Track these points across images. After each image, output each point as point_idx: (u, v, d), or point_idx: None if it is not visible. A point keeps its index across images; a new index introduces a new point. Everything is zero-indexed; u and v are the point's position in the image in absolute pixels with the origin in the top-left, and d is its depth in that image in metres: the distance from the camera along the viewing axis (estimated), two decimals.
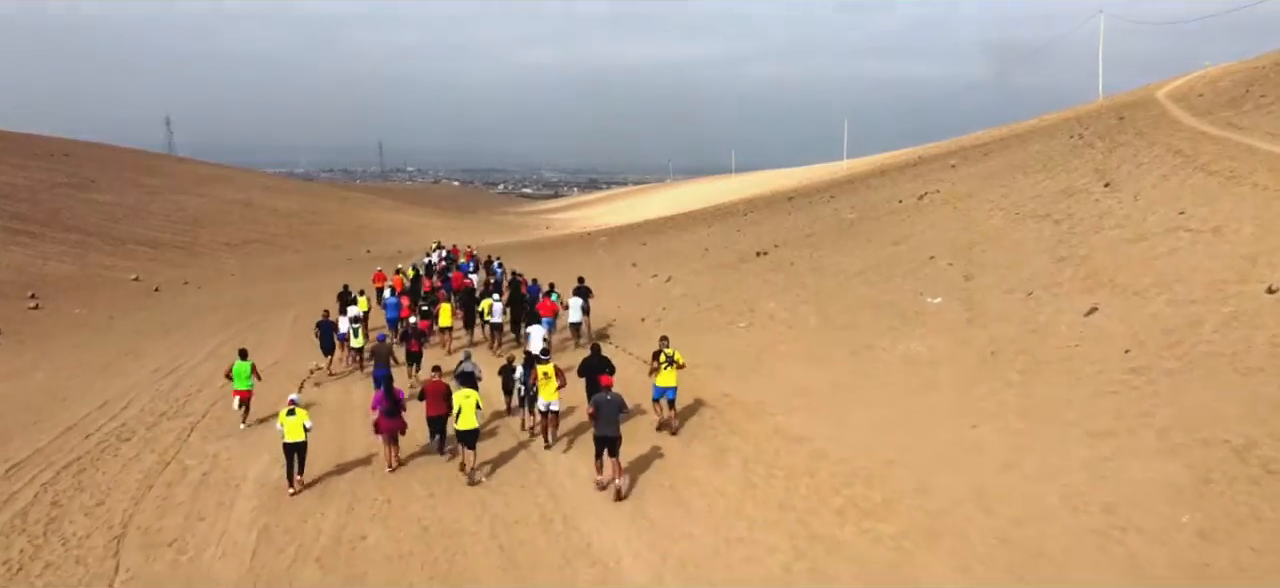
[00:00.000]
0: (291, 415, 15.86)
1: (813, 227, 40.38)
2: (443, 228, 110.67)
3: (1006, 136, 65.19)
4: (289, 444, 15.79)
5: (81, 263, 58.81)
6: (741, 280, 30.73)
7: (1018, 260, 23.48)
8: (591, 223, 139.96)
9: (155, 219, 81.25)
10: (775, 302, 25.68)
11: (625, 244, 58.02)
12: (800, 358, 19.66)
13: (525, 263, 49.86)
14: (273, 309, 37.64)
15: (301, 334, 29.63)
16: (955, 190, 38.58)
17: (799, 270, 30.22)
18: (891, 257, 28.29)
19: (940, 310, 20.94)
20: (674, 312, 27.52)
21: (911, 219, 34.54)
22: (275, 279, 56.07)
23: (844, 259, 30.17)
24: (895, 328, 20.34)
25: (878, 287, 24.71)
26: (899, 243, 30.40)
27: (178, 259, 67.02)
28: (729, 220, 56.49)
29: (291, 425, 15.78)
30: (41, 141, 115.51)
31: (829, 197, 52.60)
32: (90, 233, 68.90)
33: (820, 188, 68.51)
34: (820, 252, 33.05)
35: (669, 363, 17.02)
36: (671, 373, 17.07)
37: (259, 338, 30.14)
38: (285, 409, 16.04)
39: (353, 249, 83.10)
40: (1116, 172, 30.82)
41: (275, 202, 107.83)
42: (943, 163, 54.77)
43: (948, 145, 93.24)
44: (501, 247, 76.70)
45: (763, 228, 45.49)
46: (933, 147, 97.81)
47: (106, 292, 50.43)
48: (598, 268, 43.80)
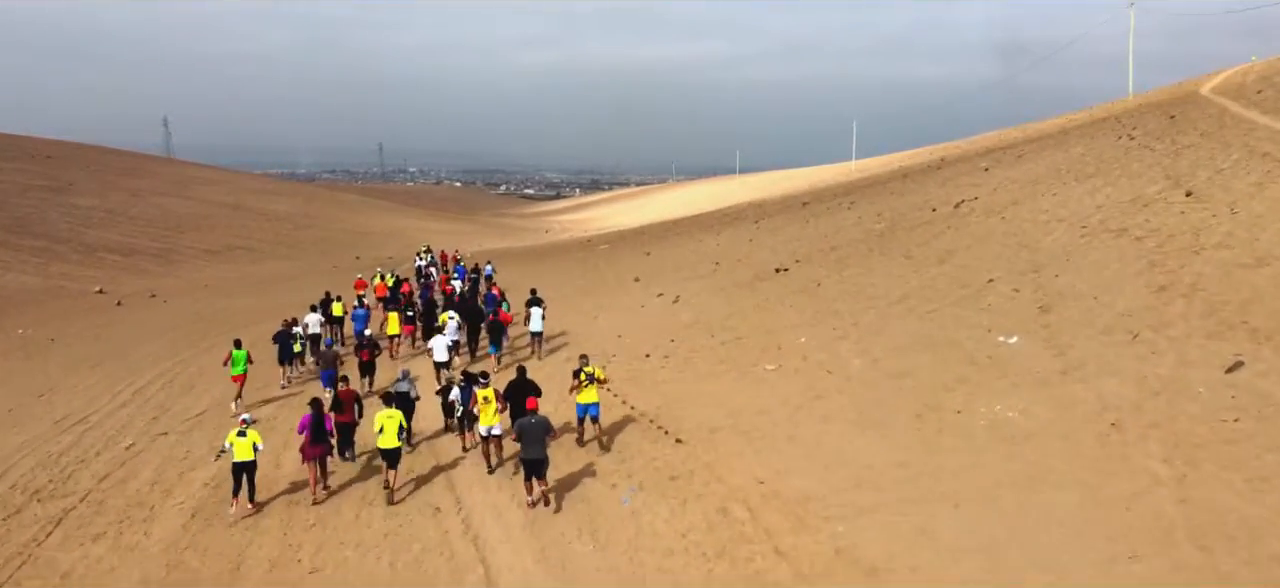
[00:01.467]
0: (242, 435, 15.72)
1: (835, 238, 36.19)
2: (439, 232, 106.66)
3: (1036, 137, 60.96)
4: (238, 464, 15.62)
5: (44, 273, 54.77)
6: (761, 304, 26.54)
7: (1104, 287, 19.30)
8: (593, 226, 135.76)
9: (134, 224, 77.20)
10: (806, 335, 21.46)
11: (627, 253, 53.85)
12: (849, 420, 15.45)
13: (517, 273, 45.74)
14: (234, 330, 33.49)
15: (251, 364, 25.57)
16: (996, 197, 34.39)
17: (828, 293, 26.03)
18: (939, 279, 24.09)
19: (1020, 354, 16.76)
20: (684, 344, 23.30)
21: (952, 231, 30.34)
22: (251, 291, 51.97)
23: (880, 280, 25.98)
24: (966, 379, 16.13)
25: (930, 318, 20.51)
26: (945, 261, 26.20)
27: (151, 268, 62.95)
28: (739, 227, 52.29)
29: (241, 446, 15.64)
30: (22, 142, 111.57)
31: (848, 202, 48.37)
32: (60, 240, 64.85)
33: (835, 191, 64.30)
34: (850, 269, 28.85)
35: (589, 380, 17.15)
36: (593, 390, 17.18)
37: (199, 370, 26.03)
38: (236, 429, 15.85)
39: (342, 256, 78.98)
40: (1193, 178, 26.64)
41: (265, 205, 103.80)
42: (970, 165, 50.56)
43: (964, 146, 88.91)
44: (497, 252, 72.56)
45: (778, 238, 41.29)
46: (949, 147, 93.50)
47: (63, 306, 46.36)
48: (597, 283, 39.63)
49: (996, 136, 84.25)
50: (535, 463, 14.67)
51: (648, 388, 19.60)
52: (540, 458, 14.67)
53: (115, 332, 35.97)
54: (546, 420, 14.97)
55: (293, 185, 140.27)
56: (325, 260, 75.51)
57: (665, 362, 21.70)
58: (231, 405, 21.64)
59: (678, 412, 17.48)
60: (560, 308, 33.26)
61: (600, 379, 17.34)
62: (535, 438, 14.60)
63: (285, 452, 18.28)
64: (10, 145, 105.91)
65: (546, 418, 15.07)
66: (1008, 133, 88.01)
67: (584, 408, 17.18)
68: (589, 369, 17.19)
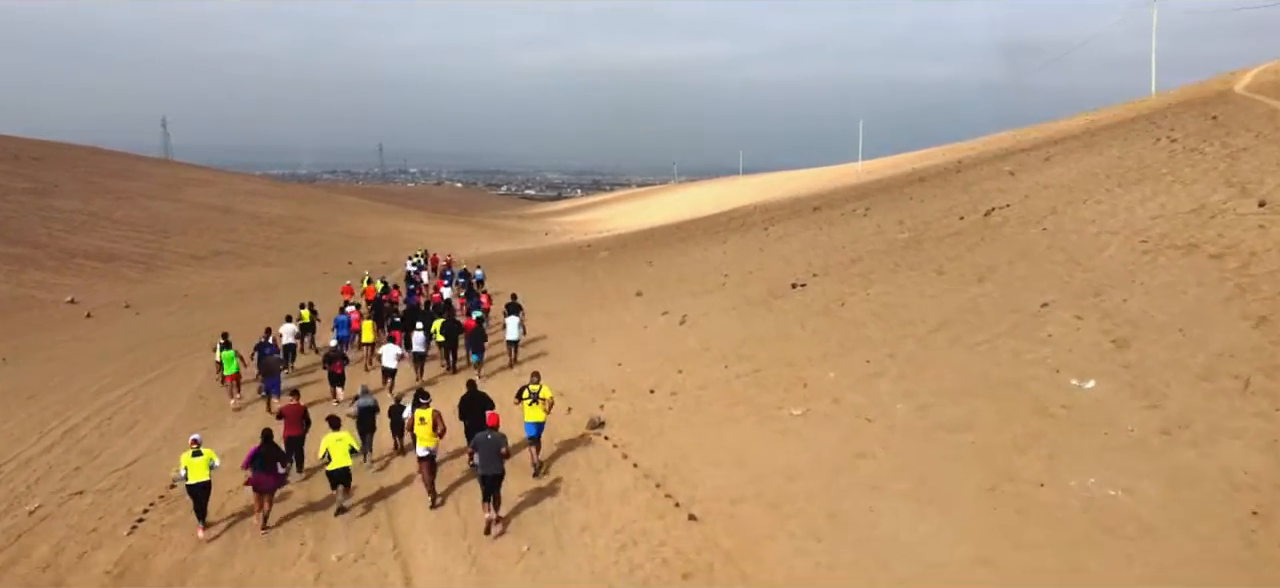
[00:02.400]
0: (197, 456, 15.29)
1: (855, 249, 33.29)
2: (436, 236, 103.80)
3: (1057, 138, 58.01)
4: (195, 486, 15.23)
5: (15, 282, 52.00)
6: (779, 327, 23.64)
7: (1187, 317, 16.43)
8: (594, 228, 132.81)
9: (118, 228, 74.42)
10: (835, 369, 18.56)
11: (628, 261, 50.95)
12: (902, 491, 12.52)
13: (510, 281, 42.81)
14: (195, 351, 30.66)
15: (204, 398, 22.85)
16: (1031, 205, 31.50)
17: (854, 315, 23.14)
18: (983, 301, 21.20)
19: (1102, 404, 13.89)
20: (693, 376, 20.39)
21: (987, 244, 27.46)
22: (231, 301, 49.14)
23: (913, 300, 23.09)
24: (1041, 436, 13.25)
25: (982, 352, 17.62)
26: (985, 279, 23.31)
27: (131, 275, 60.13)
28: (747, 235, 49.38)
29: (196, 466, 15.23)
30: (10, 144, 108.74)
31: (863, 208, 45.44)
32: (37, 245, 62.06)
33: (846, 195, 61.36)
34: (876, 286, 25.96)
35: (533, 400, 16.96)
36: (538, 408, 16.93)
37: (145, 403, 23.20)
38: (190, 450, 15.39)
39: (334, 261, 76.17)
40: (1261, 185, 23.75)
41: (258, 207, 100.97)
42: (992, 169, 47.65)
43: (977, 146, 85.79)
44: (491, 258, 69.65)
45: (791, 248, 38.39)
46: (961, 148, 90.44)
47: (28, 318, 43.55)
48: (596, 298, 36.73)
49: (1012, 138, 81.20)
50: (490, 479, 14.56)
51: (652, 437, 16.68)
52: (496, 473, 14.57)
53: (72, 351, 33.15)
54: (503, 436, 14.84)
55: (288, 187, 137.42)
56: (315, 266, 72.70)
57: (672, 401, 18.79)
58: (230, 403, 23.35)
59: (689, 472, 14.59)
60: (554, 328, 30.38)
61: (545, 398, 17.03)
62: (491, 454, 14.52)
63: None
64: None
65: (503, 434, 14.92)
66: (1023, 133, 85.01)
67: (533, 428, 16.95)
68: (534, 388, 17.05)
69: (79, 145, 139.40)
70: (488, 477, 14.51)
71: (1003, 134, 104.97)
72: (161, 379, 25.96)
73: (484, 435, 14.68)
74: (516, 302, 29.81)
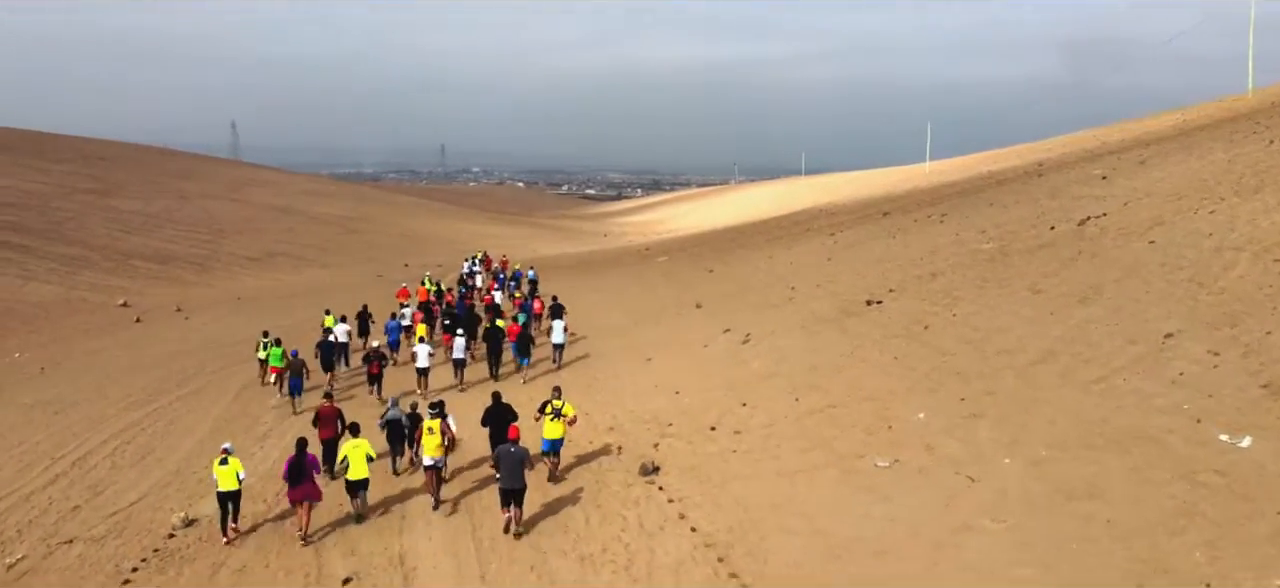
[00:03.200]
0: (224, 464, 15.47)
1: (933, 261, 30.63)
2: (493, 237, 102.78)
3: (1147, 140, 54.19)
4: (222, 493, 15.40)
5: (69, 283, 51.71)
6: (854, 351, 21.23)
7: None
8: (653, 230, 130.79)
9: (177, 228, 74.52)
10: (924, 408, 16.16)
11: (687, 266, 48.76)
12: (1026, 584, 10.17)
13: (564, 288, 40.95)
14: (234, 362, 29.35)
15: (233, 418, 21.30)
16: (1132, 215, 28.55)
17: (940, 341, 20.64)
18: (1092, 328, 18.56)
19: (1266, 471, 11.32)
20: (759, 410, 18.12)
21: (1087, 259, 24.66)
22: (281, 306, 48.14)
23: (1008, 324, 20.51)
24: (1197, 514, 10.75)
25: (1100, 393, 15.07)
26: (1089, 301, 20.61)
27: (186, 276, 59.74)
28: (813, 241, 46.82)
29: (225, 475, 15.40)
30: (79, 145, 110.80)
31: (939, 214, 42.57)
32: (93, 247, 62.09)
33: (917, 199, 58.28)
34: (962, 306, 23.37)
35: (555, 415, 17.07)
36: (558, 424, 17.07)
37: (169, 424, 21.73)
38: (218, 458, 15.59)
39: (389, 263, 75.34)
40: None
41: (316, 208, 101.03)
42: (1080, 173, 44.31)
43: (1054, 147, 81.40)
44: (547, 260, 68.01)
45: (861, 257, 35.81)
46: (1033, 148, 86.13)
47: (77, 323, 42.97)
48: (653, 309, 34.58)
49: (1092, 137, 76.85)
50: (512, 492, 14.69)
51: (715, 490, 14.44)
52: (518, 488, 14.67)
53: (112, 359, 32.12)
54: (525, 451, 14.90)
55: (347, 186, 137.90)
56: (370, 268, 71.91)
57: (737, 441, 16.56)
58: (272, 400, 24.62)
59: (757, 540, 12.35)
60: (607, 346, 28.32)
61: (567, 415, 17.12)
62: (512, 467, 14.60)
63: None
64: (67, 148, 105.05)
65: (525, 448, 14.99)
66: (1101, 133, 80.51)
67: (549, 444, 17.10)
68: (556, 404, 17.18)
69: (148, 146, 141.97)
70: (508, 491, 14.63)
71: (1076, 134, 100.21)
72: (193, 396, 24.56)
73: (506, 449, 14.75)
74: (558, 303, 30.96)
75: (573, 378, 24.39)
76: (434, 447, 16.18)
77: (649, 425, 18.28)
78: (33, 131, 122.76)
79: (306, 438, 16.15)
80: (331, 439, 18.30)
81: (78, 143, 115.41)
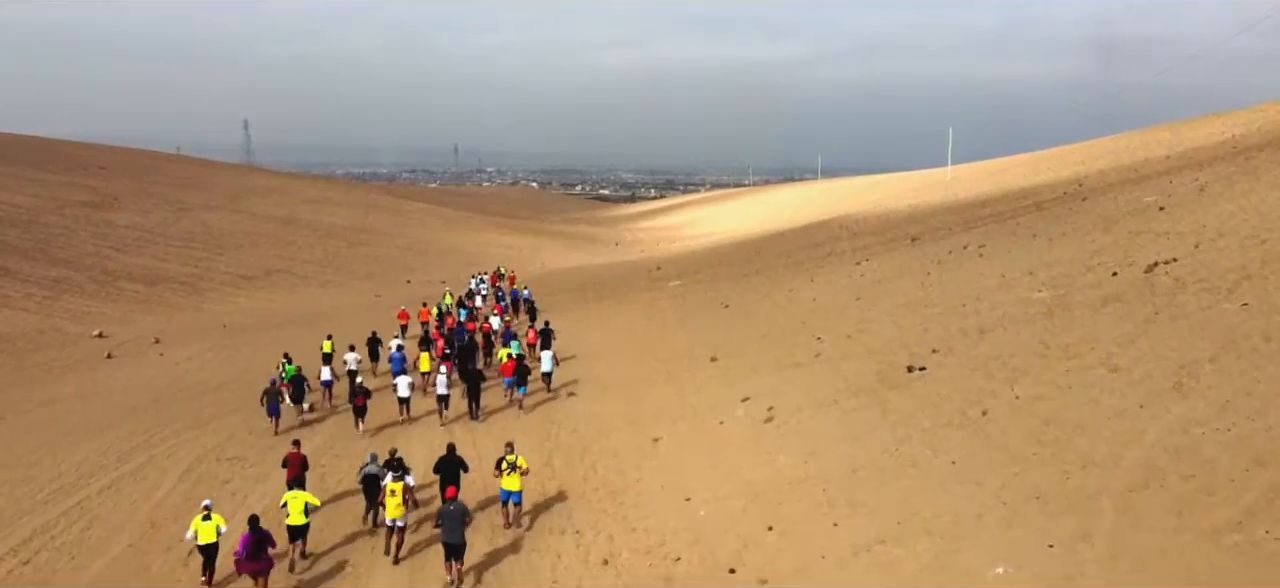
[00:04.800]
0: (206, 520, 15.67)
1: (980, 309, 27.10)
2: (500, 248, 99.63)
3: (1196, 158, 50.21)
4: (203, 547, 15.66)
5: (46, 310, 48.77)
6: (901, 449, 17.79)
7: None
8: (666, 236, 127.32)
9: (171, 244, 71.68)
10: (1003, 555, 12.71)
11: (701, 295, 45.31)
12: None
13: (562, 321, 37.50)
14: (194, 425, 26.20)
15: (166, 517, 18.12)
16: (1209, 260, 25.06)
17: (1006, 437, 17.16)
18: (1196, 432, 15.05)
19: None
20: (791, 538, 14.66)
21: (1165, 320, 21.15)
22: (268, 336, 45.02)
23: (1085, 417, 17.00)
24: None
25: (1234, 548, 11.63)
26: (1185, 389, 17.06)
27: (173, 299, 56.76)
28: (837, 269, 43.30)
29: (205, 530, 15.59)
30: (79, 153, 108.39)
31: (976, 246, 38.95)
32: (80, 266, 59.24)
33: (946, 219, 54.57)
34: (1023, 381, 19.85)
35: (511, 469, 17.84)
36: (515, 477, 17.85)
37: (112, 507, 18.56)
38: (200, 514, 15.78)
39: (390, 279, 72.32)
40: None
41: (320, 217, 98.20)
42: (1129, 197, 40.59)
43: (1083, 155, 77.14)
44: (551, 279, 64.75)
45: (894, 297, 32.29)
46: (1065, 157, 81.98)
47: (42, 360, 39.95)
48: (662, 356, 31.03)
49: (1127, 145, 72.61)
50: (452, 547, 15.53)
51: None
52: (457, 543, 15.50)
53: (65, 413, 29.06)
54: (464, 507, 15.79)
55: (356, 192, 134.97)
56: (370, 286, 68.92)
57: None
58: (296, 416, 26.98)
59: None
60: (610, 410, 24.96)
61: (522, 468, 18.03)
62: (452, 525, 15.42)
63: None
64: (66, 157, 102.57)
65: (463, 505, 15.86)
66: (1139, 142, 76.19)
67: (506, 493, 17.96)
68: (511, 458, 18.02)
69: (151, 151, 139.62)
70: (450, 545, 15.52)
71: (1107, 138, 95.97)
72: (132, 478, 21.35)
73: (446, 507, 15.66)
74: (548, 327, 33.64)
75: (569, 467, 21.02)
76: (395, 508, 16.76)
77: (653, 558, 14.88)
78: (34, 138, 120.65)
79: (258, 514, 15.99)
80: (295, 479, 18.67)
81: (78, 151, 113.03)
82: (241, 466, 22.20)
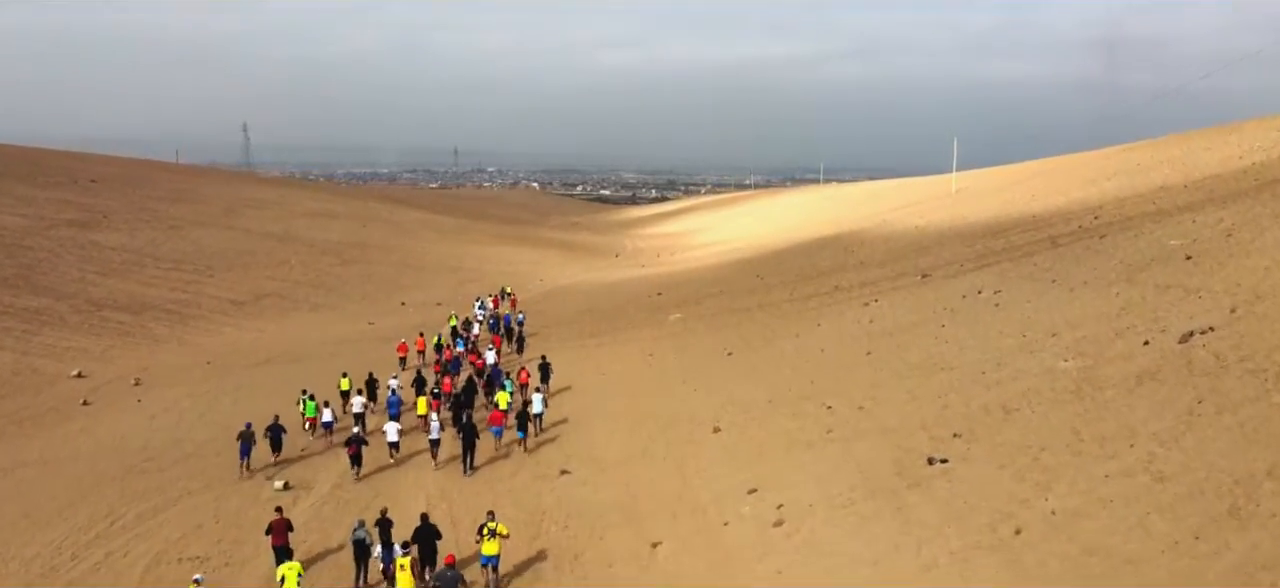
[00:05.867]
0: None
1: (1000, 377, 25.39)
2: (497, 261, 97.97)
3: (1214, 188, 48.25)
4: None
5: (23, 347, 47.04)
6: (925, 567, 16.07)
7: None
8: (667, 246, 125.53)
9: (159, 267, 70.00)
10: None
11: (703, 336, 43.56)
12: None
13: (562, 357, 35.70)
14: (163, 505, 24.52)
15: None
16: (1249, 332, 23.18)
17: (1047, 565, 15.39)
18: (1258, 566, 13.30)
19: None
20: None
21: (1209, 413, 19.36)
22: (250, 377, 43.33)
23: (1133, 544, 15.23)
24: None
25: None
26: (1243, 516, 15.24)
27: (158, 329, 55.04)
28: (844, 312, 41.52)
29: None
30: (72, 166, 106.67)
31: (992, 293, 37.06)
32: (63, 295, 57.52)
33: (957, 253, 52.74)
34: (1058, 490, 18.04)
35: (491, 535, 18.64)
36: (495, 542, 18.65)
37: None
38: None
39: (383, 301, 70.65)
40: None
41: (315, 232, 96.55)
42: (1151, 239, 38.63)
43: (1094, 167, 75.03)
44: (548, 304, 63.04)
45: (906, 353, 30.55)
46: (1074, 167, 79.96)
47: (11, 409, 38.25)
48: (661, 422, 29.23)
49: (1134, 162, 70.44)
50: None
51: None
52: None
53: (20, 487, 27.31)
54: (459, 575, 16.94)
55: (353, 202, 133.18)
56: (364, 309, 67.25)
57: None
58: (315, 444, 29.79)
59: None
60: (604, 499, 23.20)
61: (502, 534, 18.80)
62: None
63: None
64: (60, 170, 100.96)
65: (459, 572, 17.04)
66: (1144, 156, 74.01)
67: (485, 558, 18.64)
68: (491, 525, 18.71)
69: (146, 160, 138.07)
70: None
71: (1117, 148, 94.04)
72: (92, 573, 19.67)
73: (444, 572, 16.92)
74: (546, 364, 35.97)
75: (558, 576, 19.31)
76: (407, 582, 17.43)
77: None
78: (28, 149, 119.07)
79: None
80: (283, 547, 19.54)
81: (71, 161, 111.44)
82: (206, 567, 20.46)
